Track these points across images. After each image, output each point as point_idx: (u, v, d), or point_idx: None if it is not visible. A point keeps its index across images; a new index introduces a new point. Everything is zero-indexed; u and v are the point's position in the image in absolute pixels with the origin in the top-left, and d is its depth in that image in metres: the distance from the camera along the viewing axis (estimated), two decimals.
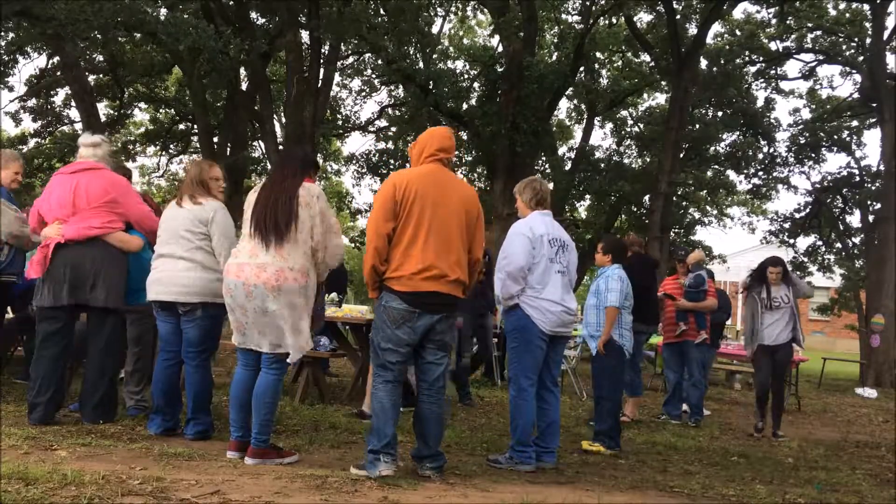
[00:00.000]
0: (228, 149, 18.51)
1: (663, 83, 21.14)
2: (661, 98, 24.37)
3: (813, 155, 21.72)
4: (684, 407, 7.77)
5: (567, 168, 22.31)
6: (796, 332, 7.14)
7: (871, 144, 72.61)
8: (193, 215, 4.50)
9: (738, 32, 20.78)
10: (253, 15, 17.26)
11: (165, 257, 4.54)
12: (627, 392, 7.06)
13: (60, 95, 20.74)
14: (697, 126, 20.37)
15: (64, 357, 4.79)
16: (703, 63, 19.75)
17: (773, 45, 20.84)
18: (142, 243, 4.95)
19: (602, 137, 75.61)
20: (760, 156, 21.65)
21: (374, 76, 22.75)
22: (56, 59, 18.23)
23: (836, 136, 21.18)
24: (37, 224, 4.86)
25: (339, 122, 23.15)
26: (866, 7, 17.96)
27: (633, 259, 7.31)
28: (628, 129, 24.53)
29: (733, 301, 13.27)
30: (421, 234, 3.88)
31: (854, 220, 21.35)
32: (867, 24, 18.55)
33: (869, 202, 18.82)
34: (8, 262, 5.51)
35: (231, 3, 16.68)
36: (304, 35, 16.80)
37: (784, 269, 7.24)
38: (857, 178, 20.66)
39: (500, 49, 19.57)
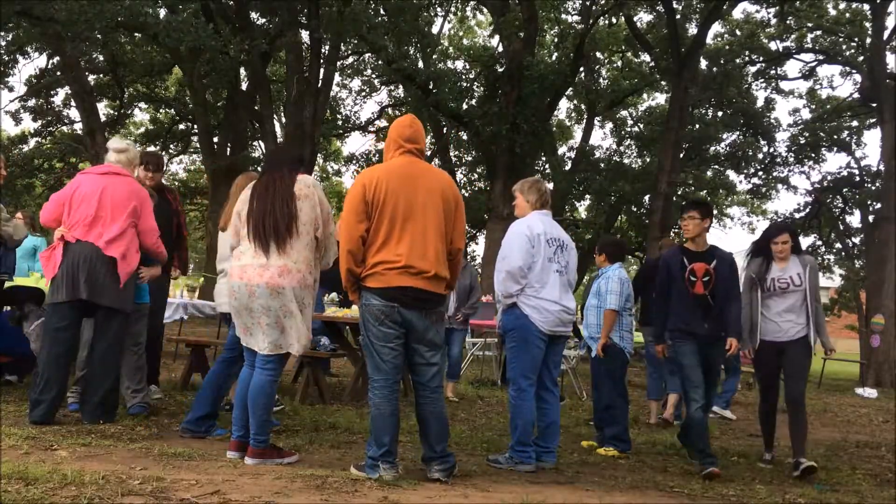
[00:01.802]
0: (228, 149, 18.52)
1: (663, 83, 21.16)
2: (661, 98, 24.41)
3: (813, 155, 21.75)
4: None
5: (567, 168, 22.34)
6: (817, 326, 5.21)
7: (871, 144, 72.61)
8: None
9: (738, 32, 20.81)
10: (253, 15, 17.26)
11: (220, 274, 5.03)
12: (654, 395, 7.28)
13: (60, 95, 20.76)
14: (697, 126, 20.40)
15: (70, 355, 4.81)
16: (703, 63, 19.77)
17: (773, 45, 20.86)
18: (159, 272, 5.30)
19: (602, 137, 75.61)
20: (760, 156, 21.69)
21: (374, 76, 22.77)
22: (56, 59, 18.23)
23: (836, 136, 21.21)
24: (54, 217, 4.81)
25: (339, 122, 23.15)
26: (866, 7, 17.97)
27: (655, 261, 7.43)
28: (628, 129, 24.56)
29: None
30: (395, 233, 3.81)
31: (854, 220, 21.41)
32: (867, 24, 18.57)
33: (869, 202, 18.83)
34: (3, 262, 5.52)
35: (231, 3, 16.68)
36: (304, 35, 16.80)
37: (795, 240, 5.42)
38: (857, 178, 20.68)
39: (500, 49, 19.58)
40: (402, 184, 3.86)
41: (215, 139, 19.19)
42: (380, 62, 19.24)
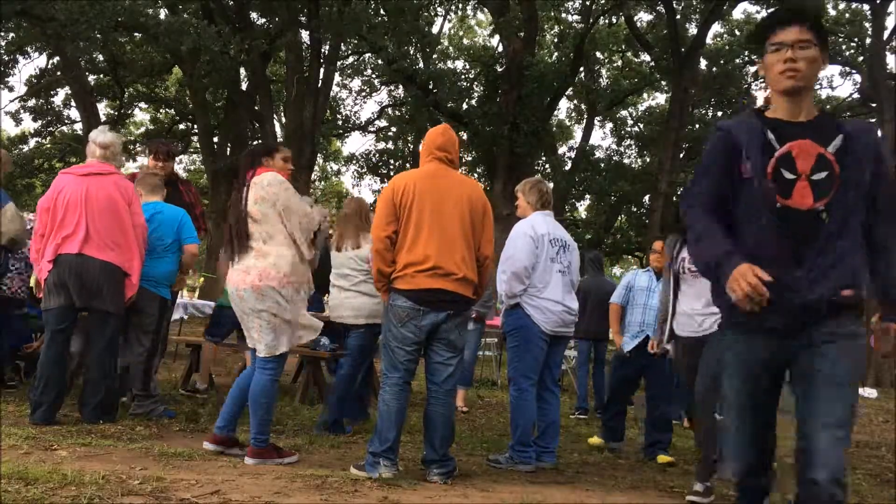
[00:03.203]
0: (228, 149, 18.53)
1: (663, 83, 21.17)
2: (661, 98, 24.43)
3: None
4: None
5: (567, 168, 22.35)
6: None
7: None
8: (356, 253, 5.24)
9: (737, 32, 20.82)
10: (253, 15, 17.27)
11: (336, 288, 5.34)
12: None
13: (60, 95, 20.81)
14: (697, 126, 20.41)
15: (68, 357, 4.82)
16: (703, 63, 19.78)
17: None
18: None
19: (602, 137, 75.53)
20: None
21: (374, 76, 22.79)
22: (56, 59, 18.25)
23: None
24: (43, 226, 4.74)
25: (339, 122, 23.17)
26: (866, 7, 17.98)
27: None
28: (628, 129, 24.57)
29: None
30: (422, 235, 3.90)
31: None
32: (867, 24, 18.58)
33: None
34: (7, 266, 5.52)
35: (231, 3, 16.69)
36: (305, 35, 16.81)
37: None
38: None
39: (500, 49, 19.59)
40: (430, 189, 3.96)
41: (215, 139, 19.21)
42: (380, 62, 19.26)
